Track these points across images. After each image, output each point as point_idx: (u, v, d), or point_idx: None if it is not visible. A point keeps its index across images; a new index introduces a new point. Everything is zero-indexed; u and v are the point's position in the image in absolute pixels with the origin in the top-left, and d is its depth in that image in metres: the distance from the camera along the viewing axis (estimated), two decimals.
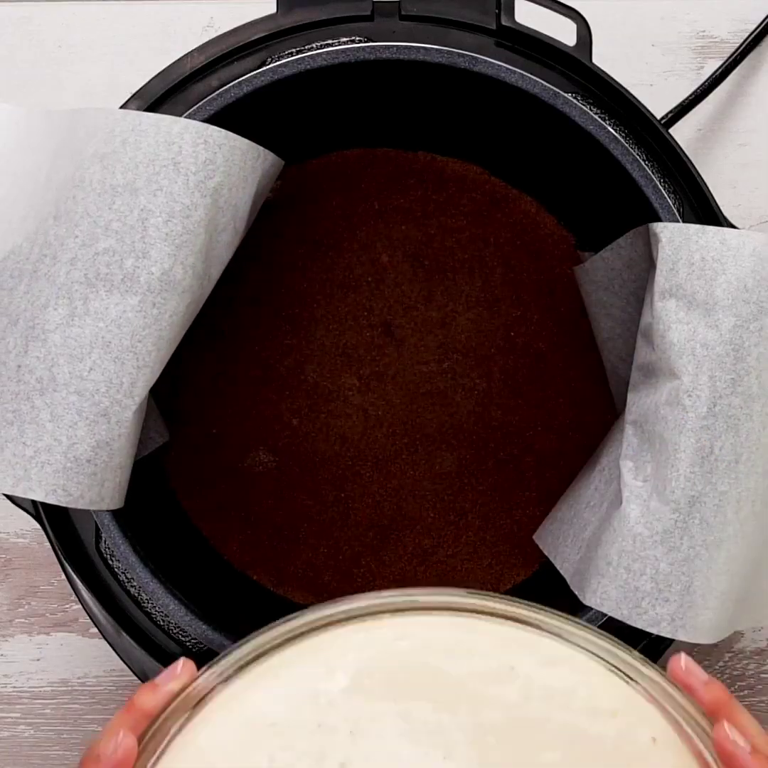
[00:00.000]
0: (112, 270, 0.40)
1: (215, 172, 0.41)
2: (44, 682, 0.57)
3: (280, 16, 0.48)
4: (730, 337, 0.40)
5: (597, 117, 0.46)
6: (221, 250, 0.43)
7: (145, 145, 0.41)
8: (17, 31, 0.57)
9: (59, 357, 0.40)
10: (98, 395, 0.40)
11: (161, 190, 0.41)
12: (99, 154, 0.41)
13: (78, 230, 0.41)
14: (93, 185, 0.41)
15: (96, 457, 0.40)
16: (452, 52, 0.46)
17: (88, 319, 0.40)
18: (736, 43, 0.57)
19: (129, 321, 0.40)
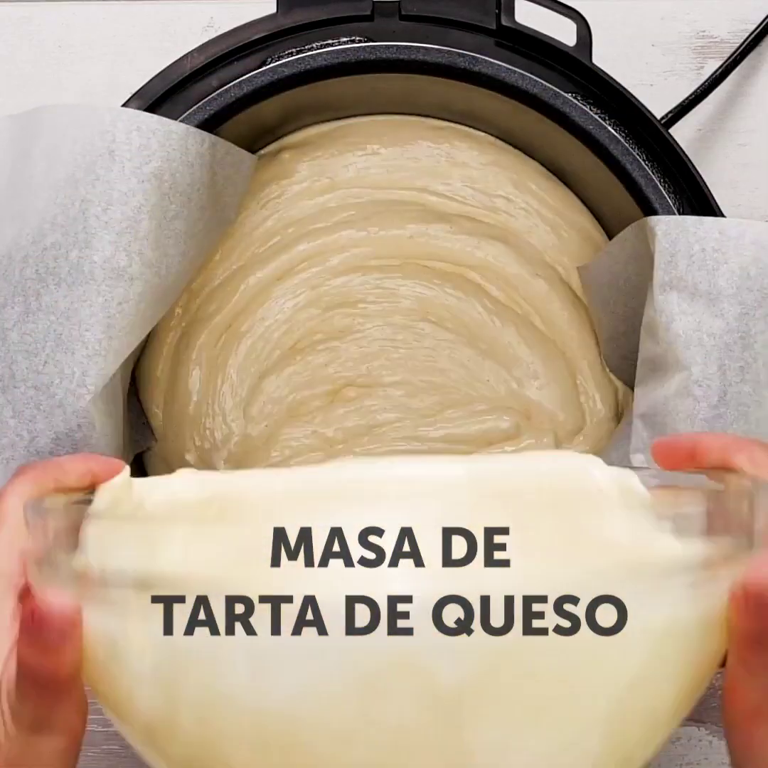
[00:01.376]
0: (59, 263, 0.41)
1: (151, 158, 0.42)
2: None
3: (280, 16, 0.48)
4: (737, 325, 0.41)
5: (597, 117, 0.46)
6: (177, 239, 0.43)
7: (82, 137, 0.41)
8: (17, 31, 0.57)
9: (17, 354, 0.41)
10: (53, 387, 0.41)
11: (98, 180, 0.41)
12: (44, 151, 0.42)
13: (28, 228, 0.41)
14: (40, 182, 0.41)
15: (57, 448, 0.41)
16: (452, 52, 0.46)
17: (40, 314, 0.41)
18: (736, 43, 0.56)
19: (76, 311, 0.41)
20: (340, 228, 0.52)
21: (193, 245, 0.45)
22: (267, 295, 0.52)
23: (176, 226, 0.43)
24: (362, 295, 0.52)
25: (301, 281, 0.52)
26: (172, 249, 0.43)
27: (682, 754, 0.57)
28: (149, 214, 0.42)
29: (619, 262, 0.47)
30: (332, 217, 0.52)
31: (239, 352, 0.51)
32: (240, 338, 0.51)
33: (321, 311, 0.52)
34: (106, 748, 0.57)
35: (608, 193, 0.48)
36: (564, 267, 0.51)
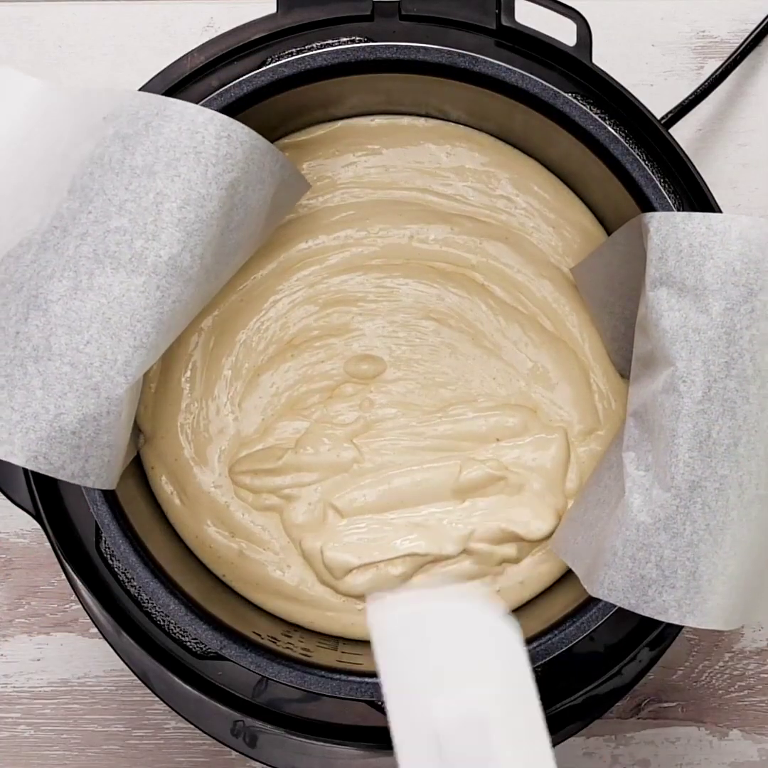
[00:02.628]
0: (121, 249, 0.41)
1: (234, 167, 0.42)
2: (44, 682, 0.57)
3: (280, 16, 0.48)
4: (722, 321, 0.41)
5: (597, 117, 0.46)
6: (232, 248, 0.44)
7: (168, 131, 0.41)
8: (17, 31, 0.57)
9: (58, 327, 0.41)
10: (91, 369, 0.41)
11: (179, 176, 0.41)
12: (121, 134, 0.41)
13: (92, 206, 0.41)
14: (112, 164, 0.41)
15: (82, 429, 0.41)
16: (452, 52, 0.46)
17: (91, 294, 0.41)
18: (736, 43, 0.57)
19: (131, 300, 0.41)
20: (339, 227, 0.52)
21: (239, 257, 0.45)
22: (264, 292, 0.52)
23: (234, 237, 0.43)
24: (362, 293, 0.52)
25: (300, 279, 0.52)
26: (225, 258, 0.43)
27: (682, 754, 0.57)
28: (218, 221, 0.42)
29: (613, 263, 0.47)
30: (332, 217, 0.52)
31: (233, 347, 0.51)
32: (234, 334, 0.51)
33: (318, 308, 0.52)
34: (106, 748, 0.57)
35: (609, 194, 0.48)
36: (569, 267, 0.51)
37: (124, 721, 0.57)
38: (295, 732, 0.47)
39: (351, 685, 0.45)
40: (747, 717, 0.57)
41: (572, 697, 0.48)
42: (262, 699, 0.48)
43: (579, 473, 0.51)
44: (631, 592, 0.41)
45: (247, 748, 0.47)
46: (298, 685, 0.45)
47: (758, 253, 0.41)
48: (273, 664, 0.45)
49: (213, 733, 0.47)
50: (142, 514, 0.48)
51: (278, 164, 0.44)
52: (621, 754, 0.57)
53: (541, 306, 0.52)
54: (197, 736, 0.56)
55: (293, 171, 0.46)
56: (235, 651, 0.45)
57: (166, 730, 0.57)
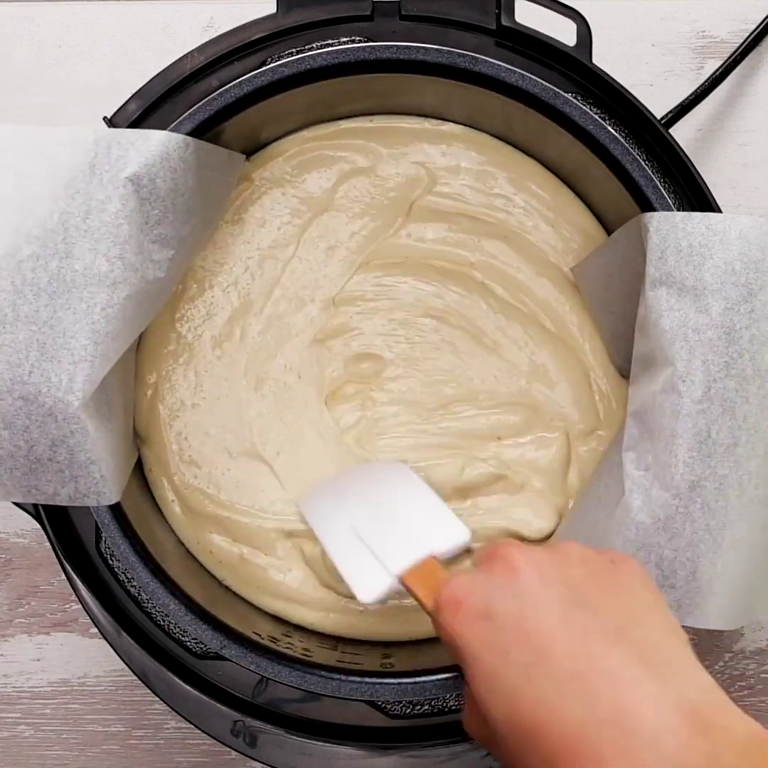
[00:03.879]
0: (38, 274, 0.41)
1: (127, 164, 0.42)
2: (44, 682, 0.57)
3: (280, 16, 0.48)
4: (721, 321, 0.41)
5: (597, 117, 0.46)
6: (163, 245, 0.44)
7: (65, 156, 0.42)
8: (17, 31, 0.57)
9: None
10: (41, 396, 0.41)
11: (78, 193, 0.42)
12: (11, 166, 0.42)
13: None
14: (9, 196, 0.42)
15: (56, 455, 0.42)
16: (452, 52, 0.46)
17: (19, 324, 0.41)
18: (736, 43, 0.57)
19: (60, 320, 0.41)
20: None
21: (181, 249, 0.45)
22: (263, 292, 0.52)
23: (161, 231, 0.43)
24: (360, 292, 0.52)
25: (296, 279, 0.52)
26: (157, 254, 0.43)
27: None
28: (128, 219, 0.42)
29: (613, 263, 0.47)
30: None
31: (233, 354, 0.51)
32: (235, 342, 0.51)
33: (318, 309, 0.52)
34: (106, 748, 0.57)
35: (608, 193, 0.48)
36: (568, 267, 0.51)
37: (124, 721, 0.57)
38: (295, 732, 0.47)
39: (351, 685, 0.45)
40: None
41: None
42: (262, 699, 0.48)
43: (580, 472, 0.51)
44: None
45: (247, 748, 0.47)
46: (298, 685, 0.45)
47: (758, 252, 0.41)
48: (273, 664, 0.45)
49: (213, 733, 0.47)
50: (143, 515, 0.48)
51: (189, 150, 0.44)
52: None
53: (541, 305, 0.52)
54: (197, 736, 0.56)
55: (211, 149, 0.45)
56: (235, 651, 0.45)
57: (166, 730, 0.57)
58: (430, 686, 0.45)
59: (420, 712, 0.48)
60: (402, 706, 0.48)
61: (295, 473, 0.51)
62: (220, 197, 0.48)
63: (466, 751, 0.47)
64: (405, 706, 0.48)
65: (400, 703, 0.48)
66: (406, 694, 0.45)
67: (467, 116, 0.51)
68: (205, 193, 0.46)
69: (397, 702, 0.47)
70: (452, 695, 0.47)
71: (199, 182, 0.45)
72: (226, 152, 0.47)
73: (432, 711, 0.48)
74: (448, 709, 0.48)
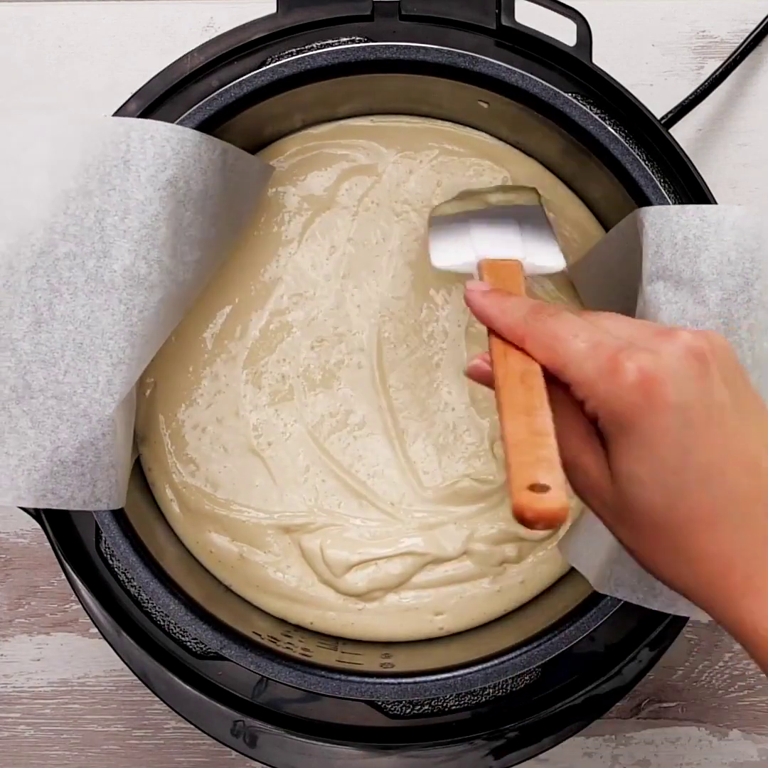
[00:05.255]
0: (75, 273, 0.41)
1: (166, 165, 0.41)
2: (44, 682, 0.57)
3: (280, 16, 0.48)
4: (719, 311, 0.41)
5: (597, 117, 0.46)
6: (193, 246, 0.43)
7: (92, 148, 0.41)
8: (17, 31, 0.57)
9: (31, 364, 0.41)
10: (76, 396, 0.41)
11: (114, 189, 0.41)
12: (42, 161, 0.41)
13: (33, 238, 0.41)
14: (41, 193, 0.41)
15: (82, 457, 0.41)
16: (452, 52, 0.46)
17: (56, 324, 0.41)
18: (736, 43, 0.56)
19: (98, 320, 0.41)
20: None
21: (207, 253, 0.45)
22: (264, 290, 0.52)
23: (191, 234, 0.43)
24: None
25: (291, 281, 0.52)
26: (188, 256, 0.43)
27: (682, 754, 0.57)
28: (166, 222, 0.42)
29: (611, 260, 0.47)
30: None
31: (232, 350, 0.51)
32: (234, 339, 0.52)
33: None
34: (106, 748, 0.57)
35: (608, 193, 0.48)
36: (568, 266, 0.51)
37: (124, 721, 0.57)
38: (295, 732, 0.47)
39: (351, 685, 0.45)
40: (747, 717, 0.57)
41: (572, 697, 0.48)
42: (262, 699, 0.48)
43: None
44: (638, 586, 0.41)
45: (247, 748, 0.47)
46: (298, 685, 0.45)
47: (752, 242, 0.41)
48: (273, 664, 0.45)
49: (213, 733, 0.47)
50: (142, 515, 0.48)
51: (217, 152, 0.43)
52: (621, 754, 0.57)
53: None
54: (197, 736, 0.56)
55: (239, 154, 0.45)
56: (235, 651, 0.45)
57: (166, 730, 0.57)
58: (430, 686, 0.45)
59: (420, 712, 0.48)
60: (402, 706, 0.48)
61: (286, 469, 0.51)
62: (247, 204, 0.48)
63: (466, 751, 0.47)
64: (405, 706, 0.48)
65: (400, 703, 0.48)
66: (406, 694, 0.45)
67: (468, 116, 0.51)
68: (233, 197, 0.45)
69: (397, 702, 0.47)
70: (452, 695, 0.47)
71: (226, 186, 0.44)
72: (255, 160, 0.47)
73: (432, 711, 0.48)
74: (448, 709, 0.48)
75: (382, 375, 0.51)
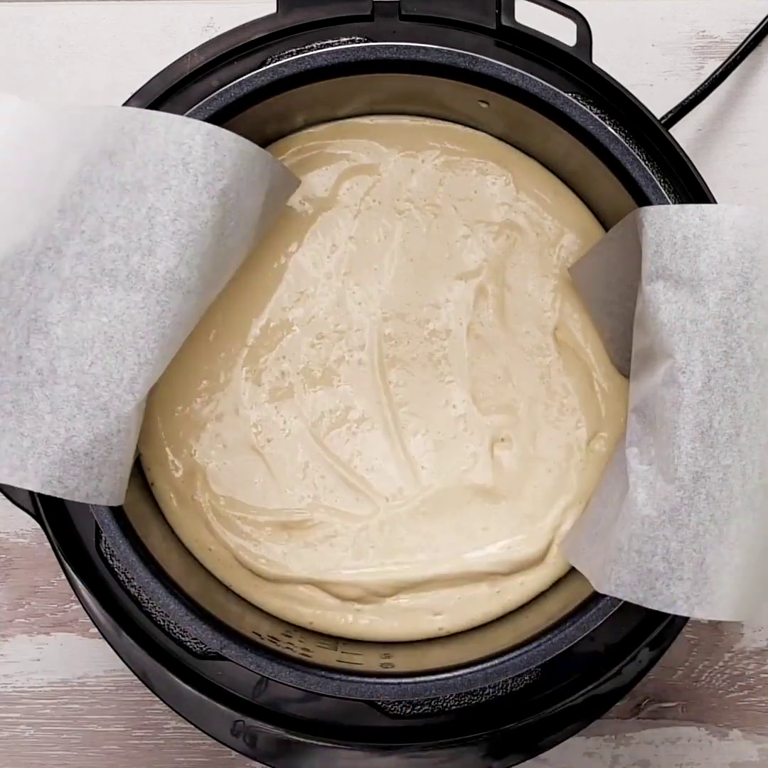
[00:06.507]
0: (118, 266, 0.41)
1: (224, 175, 0.41)
2: (44, 682, 0.57)
3: (280, 16, 0.48)
4: (718, 311, 0.41)
5: (597, 117, 0.46)
6: (227, 255, 0.43)
7: (155, 144, 0.41)
8: (17, 31, 0.57)
9: (61, 350, 0.40)
10: (98, 389, 0.40)
11: (170, 189, 0.41)
12: (108, 151, 0.41)
13: (84, 225, 0.41)
14: (101, 181, 0.41)
15: (94, 450, 0.41)
16: (452, 52, 0.46)
17: (91, 314, 0.41)
18: (736, 43, 0.57)
19: (132, 317, 0.41)
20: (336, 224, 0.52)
21: (234, 262, 0.45)
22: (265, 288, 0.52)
23: (230, 243, 0.43)
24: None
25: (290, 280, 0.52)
26: (221, 265, 0.43)
27: (682, 754, 0.57)
28: (212, 230, 0.42)
29: (610, 261, 0.47)
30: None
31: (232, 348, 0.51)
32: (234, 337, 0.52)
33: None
34: (106, 748, 0.57)
35: (608, 194, 0.48)
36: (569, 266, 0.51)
37: (124, 721, 0.57)
38: (295, 732, 0.47)
39: (351, 685, 0.45)
40: (747, 717, 0.57)
41: (572, 697, 0.48)
42: (262, 699, 0.48)
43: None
44: (638, 586, 0.41)
45: (247, 748, 0.47)
46: (298, 685, 0.45)
47: (752, 241, 0.41)
48: (273, 664, 0.45)
49: (213, 733, 0.47)
50: (142, 514, 0.48)
51: (268, 167, 0.44)
52: (621, 754, 0.57)
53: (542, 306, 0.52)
54: (197, 736, 0.56)
55: (284, 171, 0.45)
56: (235, 651, 0.45)
57: (166, 730, 0.57)
58: (430, 686, 0.45)
59: (420, 712, 0.48)
60: (402, 706, 0.48)
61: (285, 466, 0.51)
62: (273, 216, 0.48)
63: (466, 751, 0.47)
64: (405, 706, 0.48)
65: (400, 703, 0.48)
66: (406, 694, 0.45)
67: (468, 117, 0.51)
68: (266, 211, 0.45)
69: (397, 702, 0.47)
70: (452, 695, 0.47)
71: (265, 200, 0.44)
72: (289, 174, 0.47)
73: (432, 711, 0.48)
74: (448, 709, 0.48)
75: (382, 372, 0.51)
